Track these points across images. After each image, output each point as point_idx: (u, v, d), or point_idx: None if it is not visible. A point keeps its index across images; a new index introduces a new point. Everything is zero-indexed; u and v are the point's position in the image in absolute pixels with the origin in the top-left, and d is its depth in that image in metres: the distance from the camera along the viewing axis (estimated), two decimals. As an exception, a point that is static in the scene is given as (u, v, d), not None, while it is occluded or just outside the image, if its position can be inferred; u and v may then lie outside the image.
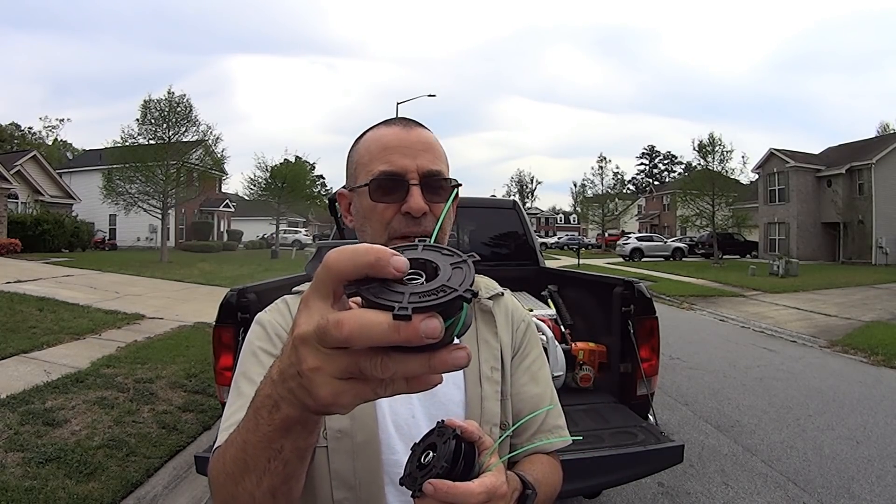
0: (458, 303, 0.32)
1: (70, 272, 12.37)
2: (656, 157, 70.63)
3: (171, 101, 20.68)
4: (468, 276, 0.33)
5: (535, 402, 0.78)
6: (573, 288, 3.22)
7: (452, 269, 0.34)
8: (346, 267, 0.32)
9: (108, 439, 3.35)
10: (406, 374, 0.32)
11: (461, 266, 0.34)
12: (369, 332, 0.30)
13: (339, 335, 0.31)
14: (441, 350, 0.32)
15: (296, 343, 0.34)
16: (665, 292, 12.97)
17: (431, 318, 0.30)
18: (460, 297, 0.31)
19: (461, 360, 0.32)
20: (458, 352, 0.32)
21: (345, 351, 0.32)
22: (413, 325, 0.30)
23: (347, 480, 0.66)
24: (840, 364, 6.53)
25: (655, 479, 3.12)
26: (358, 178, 0.75)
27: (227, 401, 0.68)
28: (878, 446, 3.82)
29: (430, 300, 0.31)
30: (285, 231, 34.39)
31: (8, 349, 5.17)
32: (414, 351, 0.32)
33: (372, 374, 0.32)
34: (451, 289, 0.32)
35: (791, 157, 26.32)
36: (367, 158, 0.74)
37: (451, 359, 0.32)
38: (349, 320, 0.31)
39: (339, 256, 0.33)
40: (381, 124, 0.77)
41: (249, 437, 0.42)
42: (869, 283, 14.85)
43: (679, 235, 34.24)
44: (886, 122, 40.78)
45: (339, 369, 0.33)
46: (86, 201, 25.27)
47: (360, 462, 0.66)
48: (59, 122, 57.00)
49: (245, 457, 0.44)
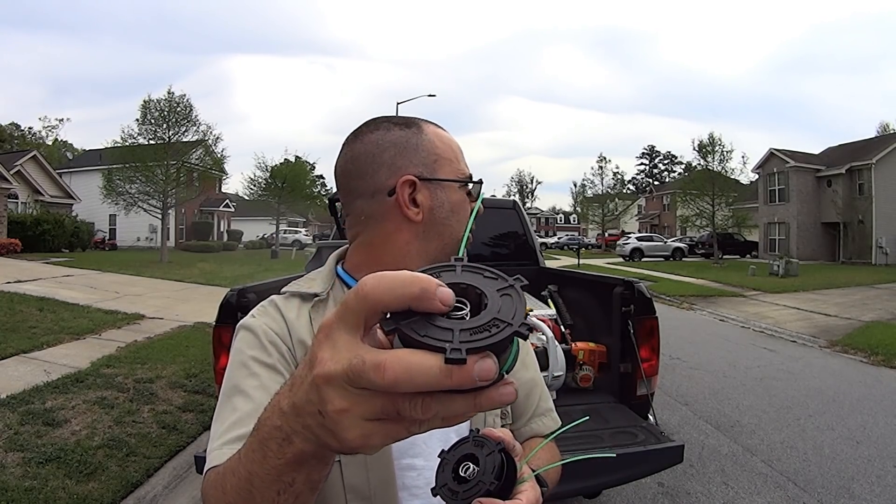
0: (511, 338, 0.29)
1: (70, 272, 12.37)
2: (656, 157, 70.69)
3: (171, 101, 20.70)
4: (519, 307, 0.29)
5: (528, 386, 0.81)
6: (573, 288, 3.22)
7: (500, 296, 0.30)
8: (386, 297, 0.28)
9: (108, 439, 3.35)
10: (448, 414, 0.29)
11: (509, 293, 0.30)
12: (417, 378, 0.27)
13: (380, 381, 0.28)
14: (488, 389, 0.29)
15: (318, 382, 0.30)
16: (665, 292, 12.98)
17: (485, 359, 0.27)
18: (516, 332, 0.28)
19: (509, 398, 0.29)
20: (505, 388, 0.29)
21: (381, 392, 0.29)
22: (467, 368, 0.27)
23: (362, 492, 0.65)
24: (840, 364, 6.53)
25: (655, 479, 3.12)
26: (439, 170, 0.73)
27: (217, 414, 0.64)
28: (878, 446, 3.82)
29: (483, 339, 0.27)
30: (285, 231, 34.40)
31: (8, 349, 5.17)
32: (460, 391, 0.28)
33: (411, 416, 0.29)
34: (505, 323, 0.28)
35: (791, 157, 26.33)
36: (451, 156, 0.75)
37: (497, 396, 0.29)
38: (393, 364, 0.27)
39: (377, 284, 0.28)
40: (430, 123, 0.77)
41: (255, 470, 0.38)
42: (869, 283, 14.85)
43: (679, 235, 34.24)
44: (886, 122, 40.85)
45: (372, 411, 0.29)
46: (86, 201, 25.27)
47: (373, 472, 0.65)
48: (58, 122, 57.19)
49: (251, 489, 0.40)
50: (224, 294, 2.11)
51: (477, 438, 0.49)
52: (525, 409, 0.79)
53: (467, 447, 0.49)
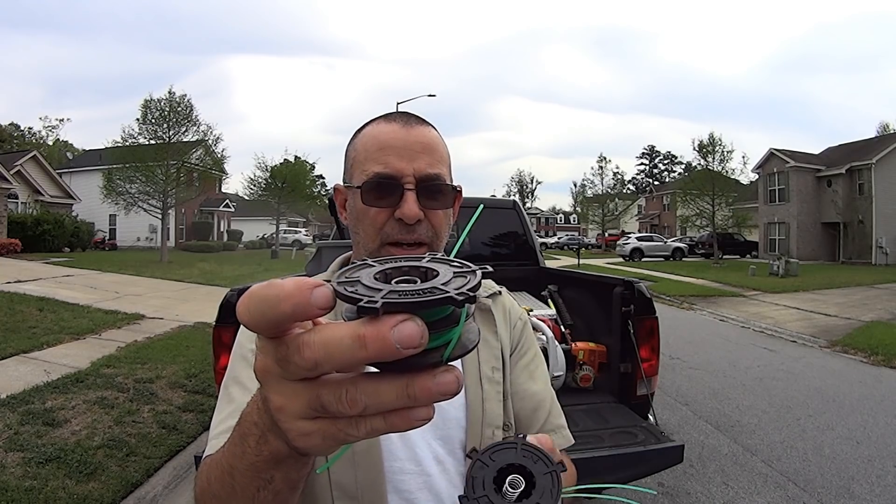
0: (448, 311, 0.25)
1: (70, 272, 12.37)
2: (656, 157, 70.68)
3: (171, 100, 20.71)
4: (470, 284, 0.26)
5: (535, 400, 0.76)
6: (573, 288, 3.22)
7: (455, 276, 0.27)
8: (259, 324, 0.26)
9: (108, 439, 3.35)
10: (380, 407, 0.26)
11: (465, 275, 0.27)
12: (334, 352, 0.25)
13: (301, 362, 0.25)
14: (423, 374, 0.25)
15: (259, 375, 0.29)
16: (665, 292, 12.97)
17: (408, 321, 0.24)
18: (450, 298, 0.24)
19: (450, 386, 0.25)
20: (444, 375, 0.25)
21: (307, 383, 0.27)
22: (382, 331, 0.23)
23: (349, 490, 0.63)
24: (840, 364, 6.53)
25: (655, 479, 3.11)
26: (353, 176, 0.71)
27: (217, 405, 0.65)
28: (878, 446, 3.82)
29: (410, 298, 0.24)
30: (285, 231, 34.39)
31: (8, 349, 5.17)
32: (391, 376, 0.25)
33: (337, 411, 0.26)
34: (442, 291, 0.25)
35: (791, 157, 26.32)
36: (364, 156, 0.70)
37: (435, 385, 0.25)
38: (311, 341, 0.25)
39: (246, 309, 0.26)
40: (381, 118, 0.73)
41: (236, 464, 0.37)
42: (869, 282, 14.85)
43: (679, 235, 34.25)
44: (886, 122, 40.83)
45: (304, 407, 0.27)
46: (86, 201, 25.29)
47: (361, 471, 0.63)
48: (59, 122, 57.08)
49: (233, 482, 0.39)
50: (224, 294, 2.12)
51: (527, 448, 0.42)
52: (531, 423, 0.74)
53: (511, 455, 0.41)
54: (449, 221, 0.75)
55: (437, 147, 0.72)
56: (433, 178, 0.69)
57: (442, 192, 0.70)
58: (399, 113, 0.74)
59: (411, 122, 0.72)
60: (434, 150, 0.71)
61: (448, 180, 0.72)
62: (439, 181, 0.70)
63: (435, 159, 0.70)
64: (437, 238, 0.71)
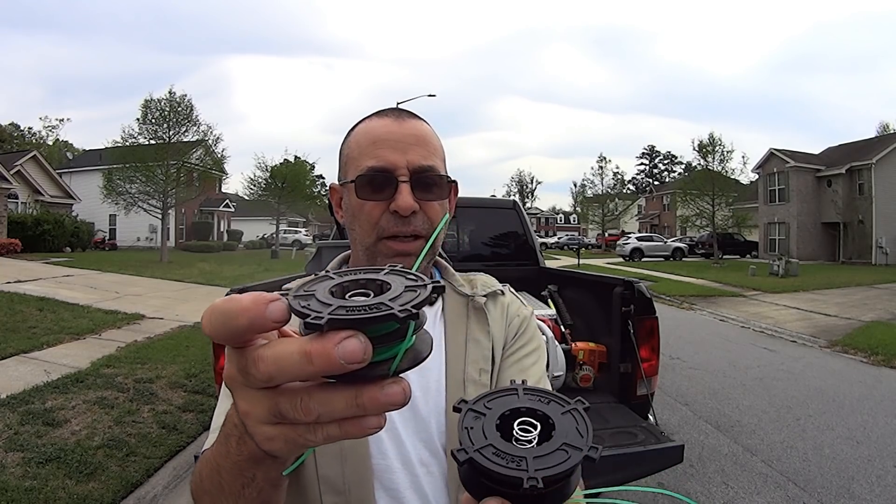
0: (394, 326, 0.26)
1: (70, 272, 12.37)
2: (656, 157, 70.68)
3: (171, 100, 20.71)
4: (418, 298, 0.27)
5: None
6: (573, 288, 3.22)
7: (406, 290, 0.28)
8: (221, 336, 0.28)
9: (108, 439, 3.35)
10: (332, 415, 0.27)
11: (416, 289, 0.28)
12: (285, 366, 0.26)
13: (257, 374, 0.27)
14: (371, 385, 0.27)
15: (226, 382, 0.31)
16: (665, 292, 12.97)
17: (352, 337, 0.25)
18: (392, 315, 0.25)
19: (396, 397, 0.27)
20: (391, 387, 0.27)
21: (267, 391, 0.28)
22: (327, 347, 0.25)
23: (336, 485, 0.63)
24: (840, 364, 6.53)
25: (655, 479, 3.11)
26: (347, 173, 0.71)
27: (218, 402, 0.66)
28: (878, 446, 3.82)
29: (354, 315, 0.25)
30: (285, 231, 34.39)
31: (8, 349, 5.18)
32: (342, 387, 0.27)
33: (294, 418, 0.28)
34: (387, 306, 0.26)
35: (791, 157, 26.33)
36: (357, 152, 0.70)
37: (383, 396, 0.27)
38: (265, 355, 0.27)
39: (208, 322, 0.28)
40: (373, 115, 0.73)
41: (222, 462, 0.39)
42: (869, 283, 14.85)
43: (679, 235, 34.25)
44: (886, 122, 40.81)
45: (265, 413, 0.29)
46: (86, 201, 25.28)
47: (348, 467, 0.63)
48: (58, 122, 57.01)
49: (220, 480, 0.40)
50: (224, 294, 2.12)
51: (532, 391, 0.34)
52: None
53: (513, 400, 0.33)
54: (445, 213, 0.74)
55: (430, 140, 0.72)
56: (427, 170, 0.69)
57: (437, 184, 0.70)
58: (391, 109, 0.74)
59: (403, 116, 0.72)
60: (427, 142, 0.71)
61: (442, 172, 0.72)
62: (433, 172, 0.70)
63: (428, 151, 0.70)
64: (433, 230, 0.71)
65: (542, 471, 0.28)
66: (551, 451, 0.29)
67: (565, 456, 0.29)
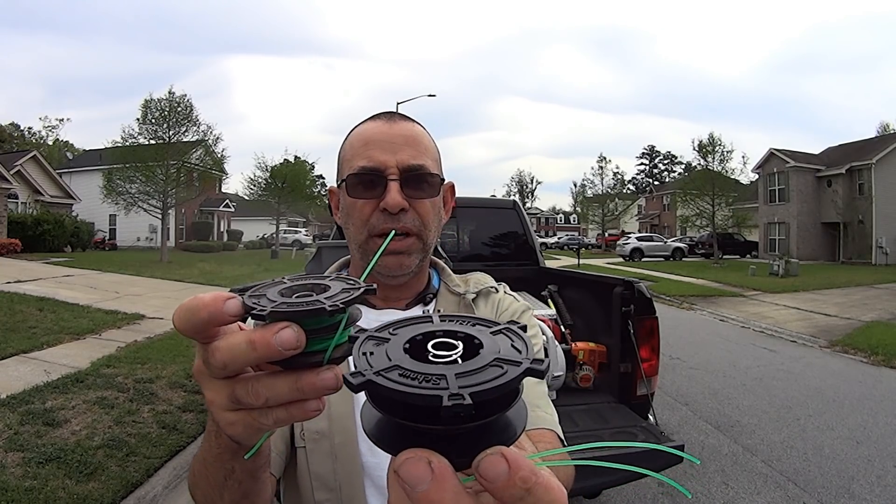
0: (329, 321, 0.30)
1: (70, 272, 12.37)
2: (656, 157, 70.66)
3: (171, 100, 20.69)
4: (348, 297, 0.30)
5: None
6: (573, 288, 3.22)
7: (341, 291, 0.31)
8: (188, 329, 0.31)
9: (108, 439, 3.35)
10: (279, 399, 0.31)
11: (350, 291, 0.31)
12: (236, 354, 0.30)
13: (214, 363, 0.31)
14: (308, 372, 0.30)
15: (194, 376, 0.35)
16: (665, 292, 12.97)
17: (287, 328, 0.28)
18: (322, 309, 0.29)
19: (328, 382, 0.30)
20: (325, 373, 0.30)
21: (227, 380, 0.32)
22: (266, 336, 0.28)
23: (327, 482, 0.65)
24: (840, 364, 6.53)
25: (655, 479, 3.11)
26: (342, 174, 0.74)
27: None
28: (878, 446, 3.82)
29: (292, 309, 0.29)
30: (285, 231, 34.40)
31: (8, 349, 5.17)
32: (285, 374, 0.31)
33: (247, 402, 0.31)
34: (321, 302, 0.29)
35: (791, 157, 26.33)
36: (350, 154, 0.73)
37: (318, 381, 0.30)
38: (220, 345, 0.30)
39: (177, 317, 0.31)
40: (368, 119, 0.76)
41: (207, 456, 0.43)
42: (869, 282, 14.85)
43: (679, 235, 34.24)
44: (886, 122, 40.85)
45: (225, 400, 0.32)
46: (86, 201, 25.27)
47: (339, 464, 0.65)
48: (58, 122, 56.97)
49: (206, 472, 0.45)
50: (224, 294, 2.12)
51: (448, 316, 0.30)
52: None
53: (426, 326, 0.29)
54: (438, 212, 0.75)
55: (421, 140, 0.73)
56: (416, 169, 0.70)
57: (427, 182, 0.71)
58: (385, 112, 0.76)
59: (395, 118, 0.74)
60: (418, 142, 0.72)
61: (433, 171, 0.73)
62: (423, 171, 0.71)
63: (419, 151, 0.72)
64: (424, 228, 0.72)
65: (470, 388, 0.22)
66: (480, 366, 0.24)
67: (499, 371, 0.23)
